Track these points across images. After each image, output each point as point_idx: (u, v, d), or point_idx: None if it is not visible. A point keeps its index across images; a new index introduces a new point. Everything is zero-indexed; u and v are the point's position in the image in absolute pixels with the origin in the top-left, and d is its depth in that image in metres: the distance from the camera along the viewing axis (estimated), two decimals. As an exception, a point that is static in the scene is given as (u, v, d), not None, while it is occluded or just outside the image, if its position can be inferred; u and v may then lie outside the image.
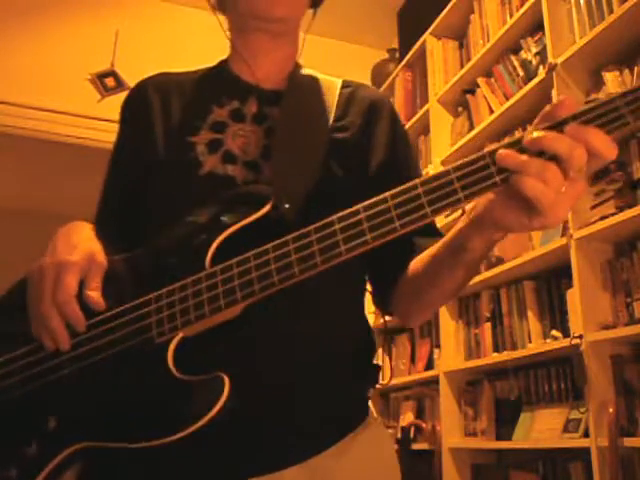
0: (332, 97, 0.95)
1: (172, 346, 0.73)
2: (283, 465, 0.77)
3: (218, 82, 0.98)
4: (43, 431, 0.75)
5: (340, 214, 0.70)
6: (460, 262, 0.76)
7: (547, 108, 0.65)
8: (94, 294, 0.76)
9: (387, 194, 0.68)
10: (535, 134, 0.62)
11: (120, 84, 3.03)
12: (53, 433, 0.75)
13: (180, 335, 0.73)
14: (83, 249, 0.78)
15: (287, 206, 0.78)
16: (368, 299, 0.96)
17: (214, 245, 0.76)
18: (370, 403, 0.91)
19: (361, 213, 0.69)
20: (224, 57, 1.03)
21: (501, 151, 0.63)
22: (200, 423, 0.67)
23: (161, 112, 0.95)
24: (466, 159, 0.66)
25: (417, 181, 0.67)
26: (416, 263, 0.86)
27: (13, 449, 0.76)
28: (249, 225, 0.76)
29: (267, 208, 0.77)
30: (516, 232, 0.68)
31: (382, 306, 0.97)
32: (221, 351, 0.76)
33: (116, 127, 1.02)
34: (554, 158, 0.61)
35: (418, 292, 0.87)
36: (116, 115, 1.02)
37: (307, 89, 0.96)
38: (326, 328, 0.84)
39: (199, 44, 3.09)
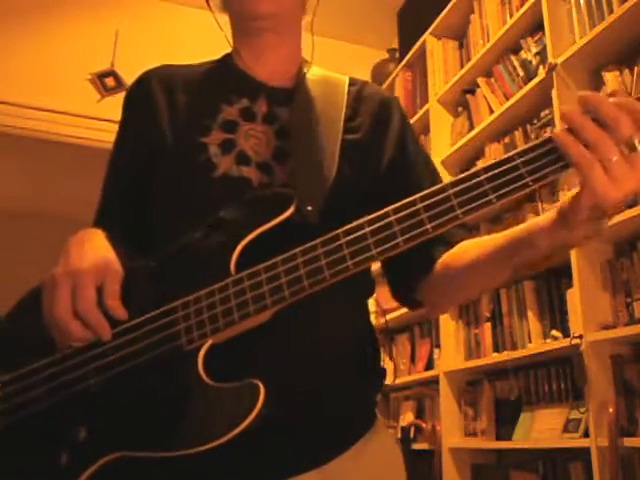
0: (341, 96, 0.95)
1: (202, 353, 0.73)
2: (307, 468, 0.77)
3: (225, 78, 0.97)
4: (74, 442, 0.74)
5: (369, 217, 0.70)
6: (517, 258, 0.74)
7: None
8: (114, 303, 0.75)
9: (416, 196, 0.69)
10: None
11: (120, 84, 3.03)
12: (84, 444, 0.74)
13: (209, 342, 0.73)
14: (96, 257, 0.77)
15: (309, 208, 0.78)
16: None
17: (238, 249, 0.75)
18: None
19: (391, 216, 0.69)
20: (228, 51, 1.01)
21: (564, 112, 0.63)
22: (238, 429, 0.67)
23: (167, 109, 0.93)
24: (495, 161, 0.67)
25: (447, 183, 0.68)
26: (465, 253, 0.85)
27: (44, 461, 0.75)
28: (271, 228, 0.76)
29: (291, 211, 0.76)
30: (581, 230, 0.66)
31: (404, 299, 0.96)
32: (249, 357, 0.75)
33: (116, 127, 1.00)
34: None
35: (461, 281, 0.86)
36: (116, 115, 1.00)
37: (316, 89, 0.95)
38: (345, 332, 0.85)
39: (199, 44, 3.08)
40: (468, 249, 0.85)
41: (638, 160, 0.59)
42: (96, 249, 0.79)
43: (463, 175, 0.68)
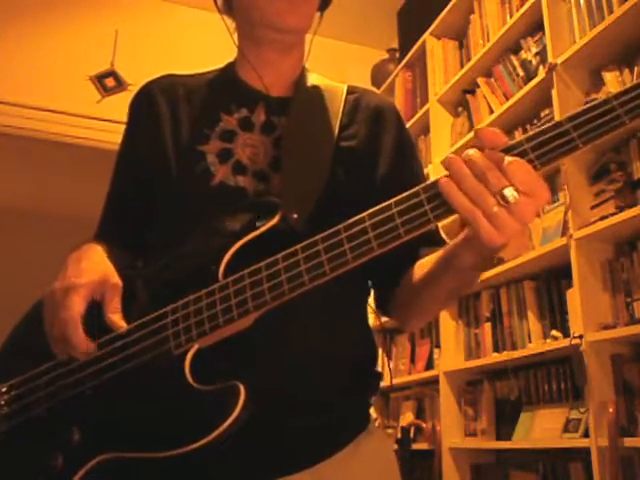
0: (338, 104, 0.95)
1: (189, 357, 0.74)
2: (300, 468, 0.78)
3: (226, 88, 0.98)
4: (68, 444, 0.77)
5: (346, 223, 0.70)
6: (451, 270, 0.77)
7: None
8: (114, 317, 0.77)
9: (391, 201, 0.69)
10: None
11: (120, 84, 3.03)
12: (78, 445, 0.76)
13: (196, 346, 0.75)
14: (94, 272, 0.79)
15: (295, 216, 0.79)
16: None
17: (226, 258, 0.77)
18: (371, 408, 0.92)
19: (366, 221, 0.69)
20: (231, 60, 1.02)
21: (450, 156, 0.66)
22: (218, 431, 0.68)
23: (170, 119, 0.94)
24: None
25: (419, 188, 0.68)
26: (416, 269, 0.87)
27: (40, 462, 0.77)
28: (260, 236, 0.78)
29: (276, 219, 0.78)
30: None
31: (383, 310, 0.98)
32: (239, 360, 0.77)
33: (116, 127, 1.01)
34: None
35: (415, 298, 0.88)
36: (116, 115, 1.01)
37: (313, 97, 0.96)
38: (335, 336, 0.85)
39: (199, 44, 3.09)
40: (421, 263, 0.87)
41: (516, 209, 0.62)
42: (94, 264, 0.81)
43: (435, 179, 0.67)
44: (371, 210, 0.70)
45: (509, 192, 0.61)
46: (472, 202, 0.62)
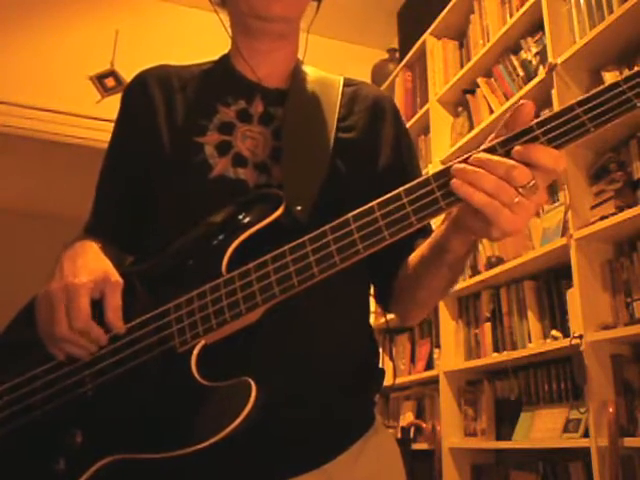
0: (335, 95, 0.95)
1: (195, 354, 0.73)
2: (307, 469, 0.77)
3: (222, 80, 0.98)
4: (70, 447, 0.75)
5: (355, 212, 0.70)
6: (443, 261, 0.77)
7: (508, 114, 0.68)
8: (114, 316, 0.76)
9: (401, 190, 0.68)
10: (479, 155, 0.65)
11: (120, 84, 3.03)
12: (81, 448, 0.75)
13: (202, 343, 0.74)
14: (92, 270, 0.77)
15: (299, 208, 0.79)
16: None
17: (229, 250, 0.76)
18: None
19: (376, 211, 0.69)
20: (225, 52, 1.02)
21: (456, 166, 0.66)
22: (230, 427, 0.67)
23: (165, 108, 0.93)
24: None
25: (429, 176, 0.68)
26: (408, 262, 0.87)
27: (42, 466, 0.76)
28: (262, 229, 0.76)
29: (280, 211, 0.77)
30: (485, 238, 0.69)
31: (383, 305, 0.97)
32: (244, 357, 0.76)
33: (116, 127, 1.00)
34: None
35: (411, 291, 0.88)
36: (116, 115, 1.00)
37: (310, 88, 0.96)
38: (339, 334, 0.85)
39: (199, 44, 3.08)
40: (412, 257, 0.87)
41: (536, 194, 0.64)
42: (91, 262, 0.79)
43: (446, 166, 0.68)
44: (379, 200, 0.69)
45: (531, 183, 0.63)
46: (491, 197, 0.63)
